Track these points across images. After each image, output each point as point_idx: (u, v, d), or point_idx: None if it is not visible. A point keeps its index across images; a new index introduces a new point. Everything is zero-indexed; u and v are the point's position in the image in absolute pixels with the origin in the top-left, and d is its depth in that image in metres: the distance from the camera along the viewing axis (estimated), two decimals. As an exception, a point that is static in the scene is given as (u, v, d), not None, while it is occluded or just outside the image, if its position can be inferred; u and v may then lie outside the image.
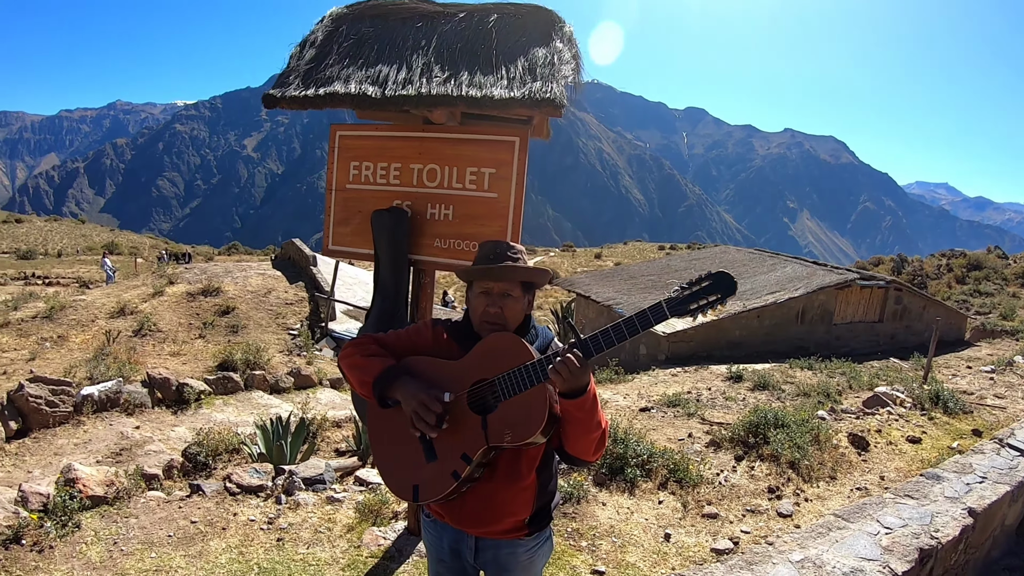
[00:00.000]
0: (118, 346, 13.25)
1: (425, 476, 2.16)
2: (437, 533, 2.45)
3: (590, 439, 2.08)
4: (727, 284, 1.93)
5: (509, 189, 3.42)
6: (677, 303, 1.95)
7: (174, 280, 18.27)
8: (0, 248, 51.30)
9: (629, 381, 11.72)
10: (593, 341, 1.97)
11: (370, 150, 3.81)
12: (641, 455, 5.53)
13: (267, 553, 4.17)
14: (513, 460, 2.22)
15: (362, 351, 2.30)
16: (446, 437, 2.11)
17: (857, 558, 3.28)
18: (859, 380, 10.56)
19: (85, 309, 15.73)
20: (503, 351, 2.10)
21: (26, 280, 27.94)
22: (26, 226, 64.36)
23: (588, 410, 2.01)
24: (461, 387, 2.14)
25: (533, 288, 2.32)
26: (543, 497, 2.34)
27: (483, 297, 2.23)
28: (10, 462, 7.04)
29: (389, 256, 3.61)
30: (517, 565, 2.37)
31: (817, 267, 17.66)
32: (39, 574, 3.85)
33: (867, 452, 6.22)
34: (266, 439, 6.45)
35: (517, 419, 2.03)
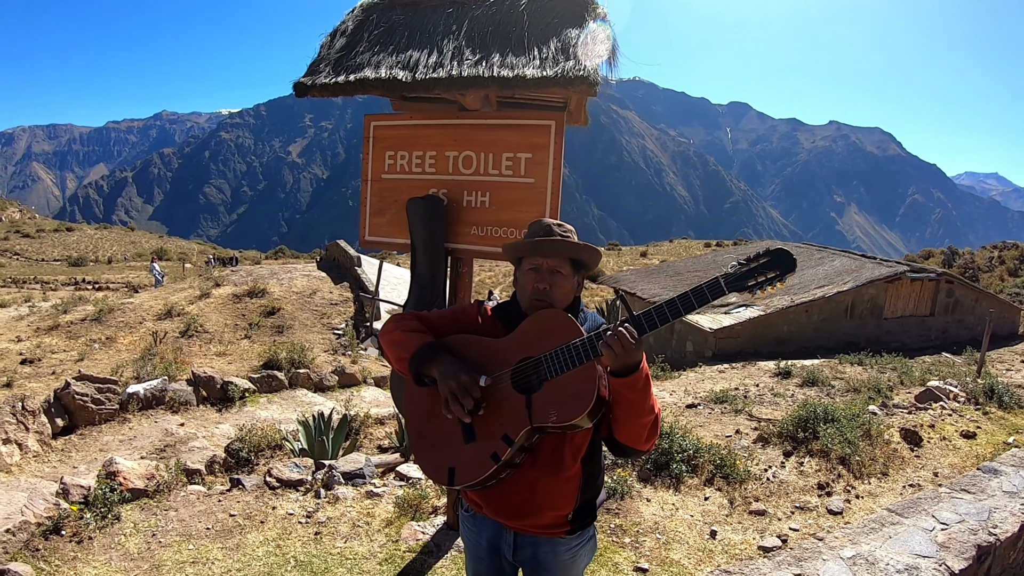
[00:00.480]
0: (165, 347, 13.53)
1: (463, 458, 2.05)
2: (476, 529, 2.35)
3: (642, 424, 1.97)
4: (786, 261, 1.85)
5: (546, 174, 3.34)
6: (735, 278, 1.85)
7: (220, 282, 18.61)
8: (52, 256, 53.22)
9: (675, 378, 11.55)
10: (647, 317, 1.87)
11: (405, 139, 3.76)
12: (687, 450, 5.40)
13: (304, 546, 4.16)
14: (557, 447, 2.10)
15: (402, 326, 2.22)
16: (487, 417, 2.02)
17: (912, 555, 3.10)
18: (911, 375, 10.25)
19: (133, 311, 16.12)
20: (550, 328, 2.00)
21: (76, 285, 28.83)
22: (77, 234, 66.68)
23: (640, 391, 1.91)
24: (505, 365, 2.04)
25: (583, 269, 2.23)
26: (588, 491, 2.20)
27: (531, 274, 2.14)
28: (56, 458, 7.19)
29: (425, 244, 3.56)
30: (557, 565, 2.24)
31: (866, 260, 17.16)
32: (77, 564, 3.90)
33: (920, 448, 5.98)
34: (308, 435, 6.47)
35: (563, 399, 1.92)
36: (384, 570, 3.89)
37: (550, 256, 2.13)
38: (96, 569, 3.88)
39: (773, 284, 1.85)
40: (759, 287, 1.85)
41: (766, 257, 1.84)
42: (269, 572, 3.86)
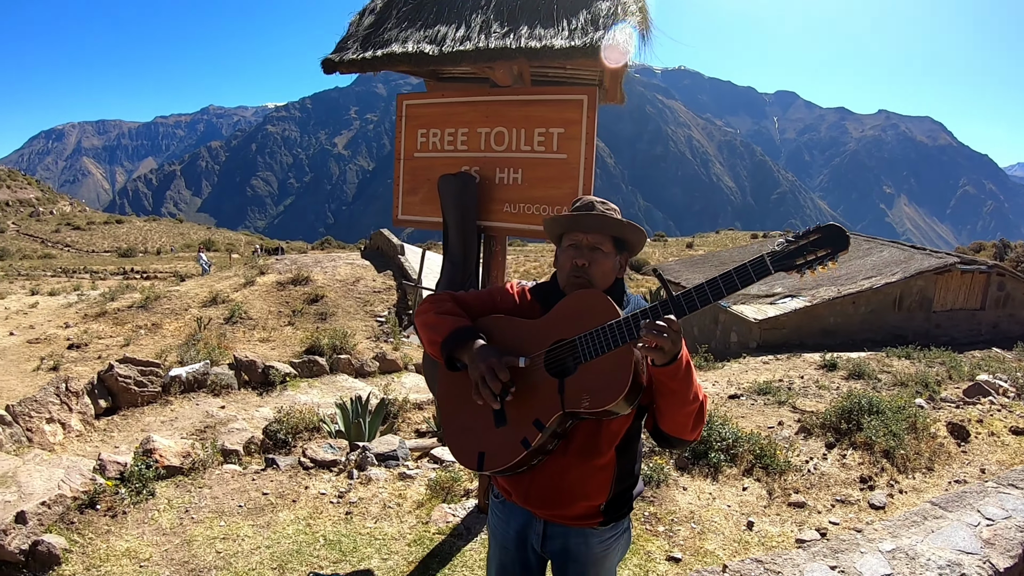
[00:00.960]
0: (209, 332, 13.79)
1: (493, 443, 1.96)
2: (505, 516, 2.26)
3: (686, 413, 1.86)
4: (838, 238, 1.69)
5: (579, 149, 3.26)
6: (781, 257, 1.71)
7: (265, 271, 18.88)
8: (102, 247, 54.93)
9: (719, 368, 11.38)
10: (687, 298, 1.76)
11: (436, 117, 3.72)
12: (726, 439, 5.29)
13: (334, 526, 4.17)
14: (591, 434, 2.00)
15: (436, 308, 2.13)
16: (519, 401, 1.92)
17: (954, 551, 2.94)
18: (959, 370, 9.91)
19: (179, 299, 16.46)
20: (587, 308, 1.90)
21: (125, 275, 29.66)
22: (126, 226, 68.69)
23: (682, 379, 1.79)
24: (540, 347, 1.94)
25: (626, 249, 2.11)
26: (623, 481, 2.10)
27: (571, 250, 2.05)
28: (98, 437, 7.39)
29: (456, 221, 3.51)
30: (589, 558, 2.14)
31: (915, 251, 16.65)
32: (110, 537, 3.98)
33: (967, 443, 5.75)
34: (345, 418, 6.51)
35: (597, 383, 1.80)
36: (412, 551, 3.88)
37: (590, 231, 2.03)
38: (128, 543, 3.95)
39: (824, 263, 1.69)
40: (808, 267, 1.70)
41: (817, 234, 1.70)
42: (298, 550, 3.89)
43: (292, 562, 3.78)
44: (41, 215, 72.66)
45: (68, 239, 60.34)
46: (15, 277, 27.15)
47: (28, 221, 69.68)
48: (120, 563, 3.76)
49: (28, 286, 22.65)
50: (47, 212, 74.55)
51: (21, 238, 60.45)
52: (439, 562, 3.76)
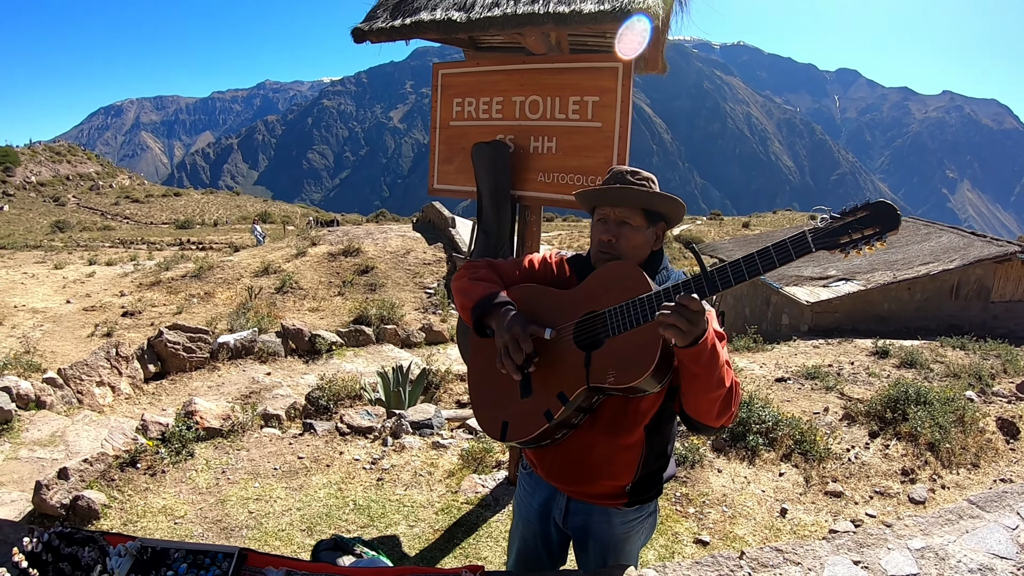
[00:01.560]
0: (259, 301, 14.11)
1: (517, 413, 1.92)
2: (531, 489, 2.24)
3: (710, 399, 1.75)
4: (888, 215, 1.54)
5: (614, 117, 3.17)
6: (825, 235, 1.57)
7: (316, 242, 19.14)
8: (160, 219, 56.63)
9: (768, 351, 11.16)
10: (720, 274, 1.65)
11: (472, 86, 3.68)
12: (766, 422, 5.17)
13: (365, 491, 4.24)
14: (619, 411, 1.93)
15: (471, 273, 2.10)
16: (545, 372, 1.87)
17: (988, 554, 2.77)
18: (1015, 364, 9.50)
19: (231, 269, 16.87)
20: (618, 281, 1.84)
21: (181, 246, 30.49)
22: (184, 199, 70.61)
23: (706, 363, 1.67)
24: (570, 319, 1.89)
25: (660, 219, 2.00)
26: (652, 463, 2.03)
27: (599, 224, 1.99)
28: (146, 400, 7.65)
29: (490, 190, 3.48)
30: (610, 537, 2.10)
31: (975, 238, 15.95)
32: (148, 494, 4.11)
33: (1016, 440, 5.50)
34: (385, 386, 6.57)
35: (623, 358, 1.73)
36: (439, 519, 3.92)
37: (617, 205, 1.95)
38: (165, 500, 4.09)
39: (871, 243, 1.54)
40: (854, 246, 1.55)
41: (864, 211, 1.55)
42: (327, 513, 3.96)
43: (320, 524, 3.85)
44: (101, 188, 75.04)
45: (127, 211, 62.27)
46: (74, 248, 28.17)
47: (88, 194, 72.07)
48: (156, 519, 3.89)
49: (86, 256, 23.49)
50: (106, 185, 76.98)
51: (81, 211, 62.64)
52: (465, 531, 3.79)
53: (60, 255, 23.57)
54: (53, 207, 63.69)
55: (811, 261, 16.51)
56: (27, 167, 73.41)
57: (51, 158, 79.88)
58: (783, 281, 15.20)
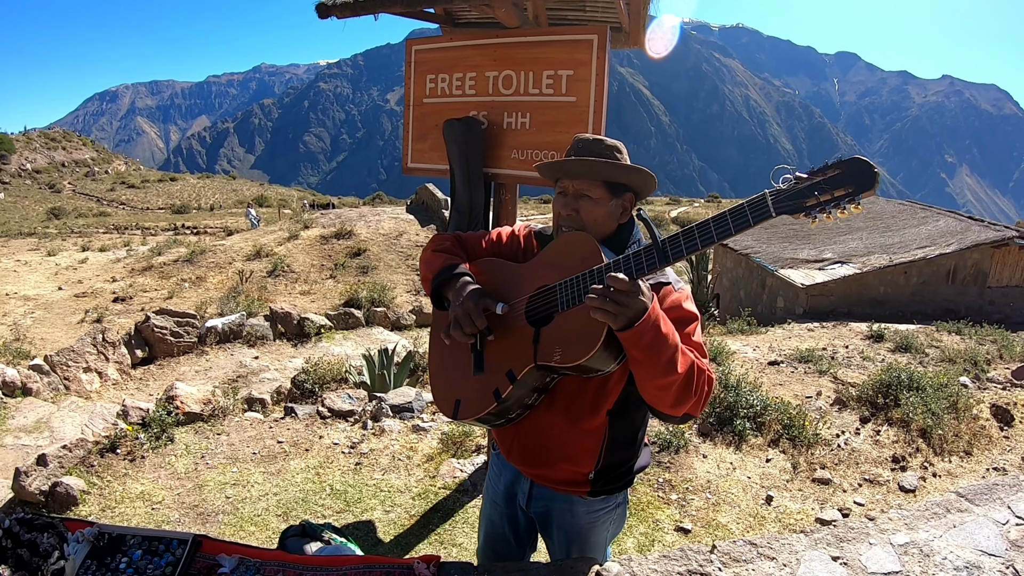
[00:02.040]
0: (250, 285, 14.04)
1: (469, 390, 1.85)
2: (498, 470, 2.17)
3: (658, 386, 1.59)
4: (862, 174, 1.32)
5: (588, 91, 3.05)
6: (788, 196, 1.38)
7: (309, 225, 19.04)
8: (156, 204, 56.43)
9: (761, 334, 11.09)
10: (672, 243, 1.51)
11: (445, 62, 3.56)
12: (753, 406, 5.08)
13: (343, 476, 4.17)
14: (578, 392, 1.84)
15: (436, 245, 2.03)
16: (498, 349, 1.79)
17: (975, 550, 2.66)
18: (1011, 349, 9.43)
19: (223, 253, 16.77)
20: (569, 253, 1.74)
21: (175, 230, 30.35)
22: (180, 183, 70.41)
23: (647, 347, 1.51)
24: (524, 292, 1.81)
25: (626, 191, 1.86)
26: (617, 452, 1.92)
27: (560, 198, 1.88)
28: (133, 385, 7.59)
29: (462, 167, 3.37)
30: (573, 526, 2.01)
31: (972, 222, 15.87)
32: (127, 480, 4.05)
33: (1011, 428, 5.40)
34: (370, 369, 6.49)
35: (571, 336, 1.62)
36: (416, 504, 3.85)
37: (575, 177, 1.84)
38: (144, 486, 4.03)
39: (842, 206, 1.34)
40: (822, 209, 1.36)
41: (835, 169, 1.34)
42: (304, 498, 3.90)
43: (296, 509, 3.79)
44: (96, 174, 74.78)
45: (123, 197, 62.06)
46: (68, 234, 28.06)
47: (84, 180, 71.83)
48: (133, 505, 3.84)
49: (80, 243, 23.38)
50: (102, 171, 76.70)
51: (77, 197, 62.43)
52: (441, 517, 3.72)
53: (54, 242, 23.46)
54: (49, 194, 63.45)
55: (806, 243, 16.44)
56: (22, 154, 73.06)
57: (46, 145, 79.55)
58: (779, 263, 15.16)
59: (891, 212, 18.38)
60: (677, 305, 1.76)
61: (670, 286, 1.78)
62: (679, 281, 1.82)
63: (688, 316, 1.76)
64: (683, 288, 1.81)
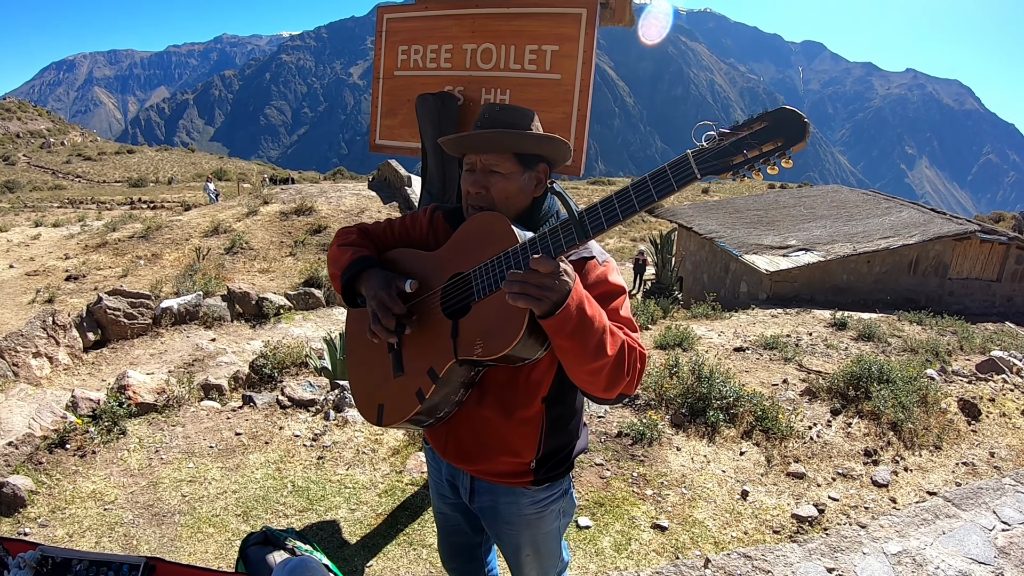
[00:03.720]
0: (208, 263, 13.62)
1: (391, 394, 1.71)
2: (436, 463, 2.02)
3: (588, 371, 1.47)
4: (791, 125, 1.23)
5: (574, 69, 2.86)
6: (713, 155, 1.27)
7: (268, 200, 18.56)
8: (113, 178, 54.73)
9: (726, 319, 11.12)
10: (591, 215, 1.38)
11: (419, 32, 3.33)
12: (727, 397, 4.99)
13: (304, 471, 3.96)
14: (508, 383, 1.71)
15: (341, 240, 1.87)
16: (416, 346, 1.65)
17: (966, 558, 2.61)
18: (971, 341, 9.61)
19: (180, 229, 16.26)
20: (481, 236, 1.59)
21: (132, 205, 29.42)
22: (138, 156, 68.38)
23: (572, 333, 1.39)
24: (438, 282, 1.66)
25: (538, 163, 1.71)
26: (556, 438, 1.81)
27: (467, 175, 1.72)
28: (86, 371, 7.23)
29: (435, 146, 3.15)
30: (520, 519, 1.89)
31: (935, 215, 16.17)
32: (77, 478, 3.79)
33: (977, 422, 5.43)
34: (332, 354, 6.25)
35: (491, 325, 1.50)
36: (382, 502, 3.66)
37: (482, 152, 1.68)
38: (95, 484, 3.77)
39: (771, 161, 1.24)
40: (749, 165, 1.25)
41: (763, 121, 1.25)
42: (264, 496, 3.68)
43: (257, 509, 3.58)
44: (52, 146, 72.23)
45: (79, 170, 60.01)
46: (21, 209, 26.99)
47: (39, 152, 69.30)
48: (85, 505, 3.59)
49: (33, 218, 22.50)
50: (58, 143, 74.11)
51: (32, 170, 60.20)
52: (409, 515, 3.54)
53: (6, 217, 22.52)
54: (2, 166, 61.07)
55: (770, 229, 16.54)
56: (-24, 125, 70.21)
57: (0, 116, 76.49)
58: (743, 249, 15.27)
59: (855, 201, 18.63)
60: (603, 279, 1.63)
61: (594, 260, 1.64)
62: (603, 253, 1.68)
63: (615, 290, 1.63)
64: (608, 260, 1.68)
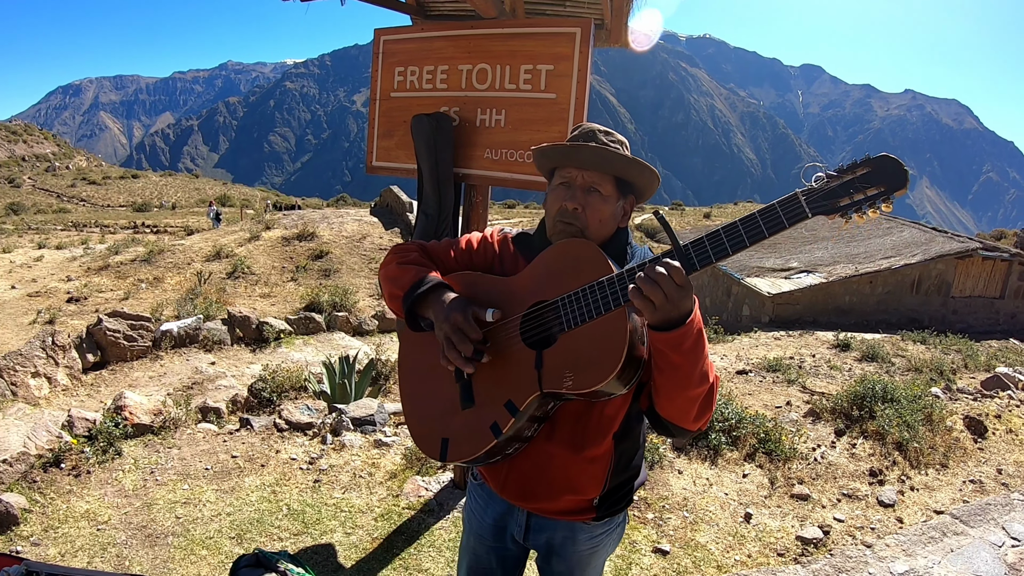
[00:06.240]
0: (209, 287, 13.60)
1: (458, 427, 1.61)
2: (483, 503, 1.91)
3: (690, 397, 1.44)
4: (893, 173, 1.26)
5: (569, 88, 2.86)
6: (821, 196, 1.28)
7: (271, 225, 18.56)
8: (118, 202, 55.02)
9: (728, 342, 11.09)
10: (698, 248, 1.34)
11: (415, 53, 3.33)
12: (729, 419, 4.94)
13: (300, 494, 3.91)
14: (581, 418, 1.63)
15: (399, 258, 1.76)
16: (490, 377, 1.56)
17: None
18: (976, 359, 9.55)
19: (183, 253, 16.26)
20: (572, 263, 1.50)
21: (135, 229, 29.51)
22: (142, 181, 68.79)
23: (689, 351, 1.36)
24: (516, 311, 1.57)
25: (631, 191, 1.67)
26: (621, 473, 1.73)
27: (561, 189, 1.63)
28: (84, 392, 7.20)
29: (430, 168, 3.14)
30: (574, 555, 1.81)
31: (936, 233, 16.15)
32: (71, 498, 3.75)
33: (984, 439, 5.36)
34: (331, 377, 6.21)
35: (583, 357, 1.42)
36: (378, 526, 3.60)
37: (587, 168, 1.61)
38: (89, 504, 3.73)
39: (876, 205, 1.26)
40: (856, 209, 1.27)
41: (866, 167, 1.27)
42: (259, 519, 3.63)
43: (251, 532, 3.52)
44: (57, 170, 72.65)
45: (83, 194, 60.30)
46: (25, 231, 27.09)
47: (44, 176, 69.67)
48: (78, 525, 3.54)
49: (36, 240, 22.57)
50: (63, 167, 74.55)
51: (37, 192, 60.48)
52: (405, 540, 3.48)
53: (10, 239, 22.59)
54: (8, 189, 61.34)
55: (771, 252, 16.53)
56: (-19, 147, 70.83)
57: (6, 138, 77.23)
58: (744, 272, 15.23)
59: (856, 222, 18.64)
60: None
61: None
62: None
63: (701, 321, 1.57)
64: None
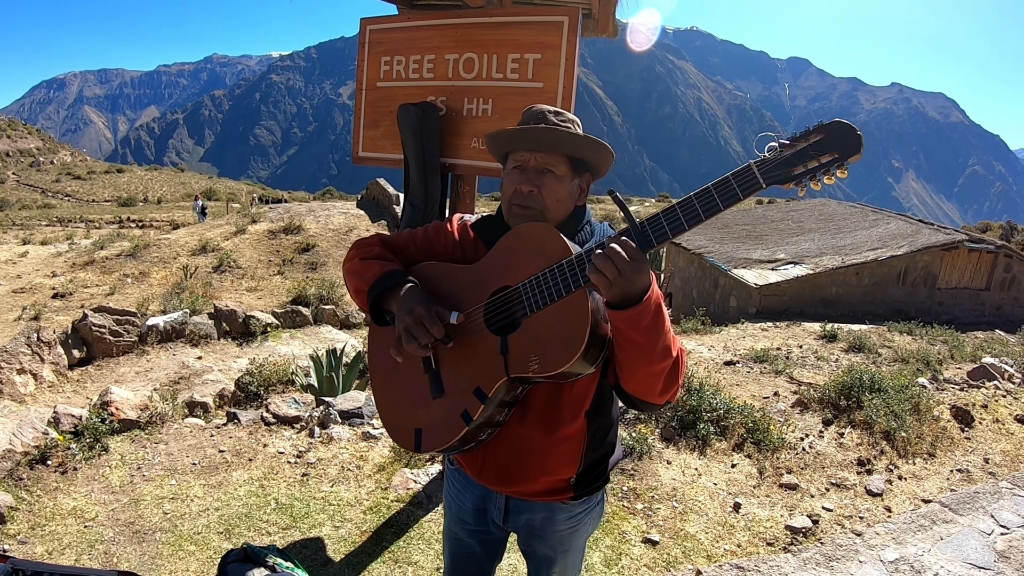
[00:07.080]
0: (195, 281, 13.49)
1: (430, 417, 1.62)
2: (460, 487, 1.93)
3: (652, 372, 1.46)
4: (847, 138, 1.26)
5: (557, 77, 2.83)
6: (775, 165, 1.29)
7: (257, 219, 18.43)
8: (103, 197, 54.52)
9: (716, 333, 11.13)
10: (654, 224, 1.35)
11: (401, 42, 3.30)
12: (717, 409, 4.94)
13: (288, 488, 3.89)
14: (551, 400, 1.66)
15: (363, 252, 1.77)
16: (457, 365, 1.58)
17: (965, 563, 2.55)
18: (962, 350, 9.65)
19: (168, 247, 16.13)
20: (531, 246, 1.52)
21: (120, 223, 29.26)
22: (127, 175, 68.15)
23: (647, 328, 1.38)
24: (479, 298, 1.58)
25: (587, 169, 1.69)
26: (595, 451, 1.77)
27: (515, 173, 1.65)
28: (71, 388, 7.14)
29: (416, 156, 3.12)
30: (554, 535, 1.84)
31: (923, 226, 16.28)
32: (58, 495, 3.71)
33: (970, 428, 5.42)
34: (318, 371, 6.18)
35: (547, 340, 1.44)
36: (367, 519, 3.59)
37: (539, 149, 1.62)
38: (76, 501, 3.69)
39: (830, 171, 1.28)
40: (811, 176, 1.28)
41: (819, 133, 1.27)
42: (247, 513, 3.61)
43: (240, 526, 3.50)
44: (41, 165, 71.97)
45: (68, 189, 59.74)
46: (9, 227, 26.81)
47: (28, 171, 69.03)
48: (65, 523, 3.50)
49: (21, 236, 22.36)
50: (47, 162, 73.85)
51: (21, 188, 59.87)
52: (394, 533, 3.47)
53: (-7, 235, 22.38)
54: (-9, 185, 60.76)
55: (759, 243, 16.59)
56: (-36, 143, 69.98)
57: (-9, 134, 76.41)
58: (732, 263, 15.30)
59: (843, 214, 18.72)
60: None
61: None
62: None
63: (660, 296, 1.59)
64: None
